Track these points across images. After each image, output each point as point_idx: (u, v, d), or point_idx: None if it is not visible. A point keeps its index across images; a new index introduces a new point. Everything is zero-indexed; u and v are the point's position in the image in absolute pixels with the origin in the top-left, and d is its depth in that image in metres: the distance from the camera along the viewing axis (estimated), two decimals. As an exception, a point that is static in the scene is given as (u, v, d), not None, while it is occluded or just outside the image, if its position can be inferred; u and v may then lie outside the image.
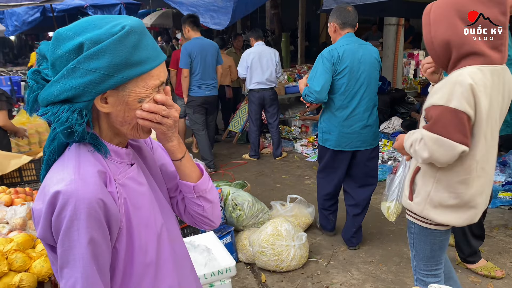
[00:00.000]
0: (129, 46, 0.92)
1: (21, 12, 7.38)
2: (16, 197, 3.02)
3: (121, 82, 0.94)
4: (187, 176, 1.15)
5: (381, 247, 3.54)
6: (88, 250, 0.91)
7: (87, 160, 0.98)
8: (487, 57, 1.68)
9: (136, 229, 1.04)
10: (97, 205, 0.92)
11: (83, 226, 0.90)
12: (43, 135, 5.20)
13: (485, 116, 1.69)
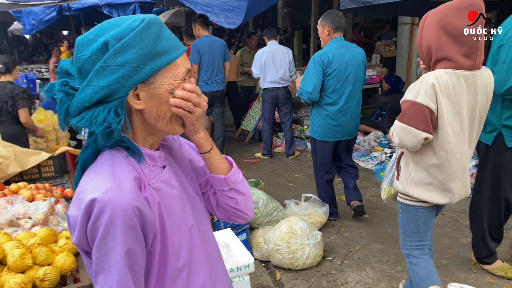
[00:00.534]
0: (152, 36, 0.94)
1: (38, 11, 7.48)
2: (37, 193, 3.08)
3: (150, 74, 0.94)
4: (216, 169, 1.15)
5: (396, 246, 3.54)
6: (123, 259, 0.92)
7: (121, 166, 0.98)
8: (457, 62, 1.98)
9: (169, 233, 1.04)
10: (132, 213, 0.92)
11: (119, 234, 0.91)
12: (60, 132, 5.29)
13: (445, 111, 2.00)
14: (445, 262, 3.28)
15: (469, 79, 2.01)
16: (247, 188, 1.21)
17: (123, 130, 1.00)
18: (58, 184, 3.77)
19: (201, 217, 1.19)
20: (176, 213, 1.06)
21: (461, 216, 4.03)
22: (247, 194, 1.21)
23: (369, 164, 5.59)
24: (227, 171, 1.17)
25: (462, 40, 1.96)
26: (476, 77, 2.04)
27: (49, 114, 5.36)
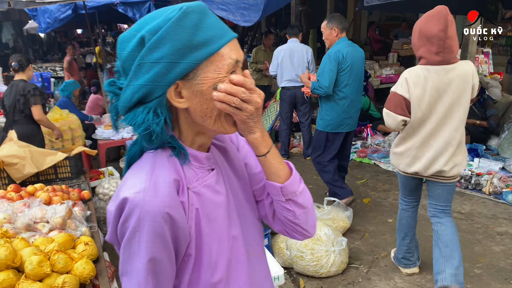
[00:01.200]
0: (189, 26, 0.84)
1: (53, 10, 7.45)
2: (54, 195, 3.00)
3: (189, 68, 0.85)
4: (273, 175, 1.00)
5: (424, 253, 3.38)
6: (145, 267, 0.87)
7: (162, 166, 0.92)
8: (428, 59, 2.49)
9: (206, 243, 0.95)
10: (162, 219, 0.86)
11: (144, 239, 0.86)
12: (76, 131, 5.22)
13: (416, 99, 2.52)
14: (478, 271, 3.12)
15: (441, 73, 2.49)
16: (308, 201, 1.05)
17: (167, 126, 0.92)
18: (75, 185, 3.69)
19: (250, 228, 1.07)
20: (217, 222, 0.98)
21: (491, 222, 3.86)
22: (308, 207, 1.05)
23: (390, 166, 5.43)
24: (285, 179, 1.01)
25: (432, 41, 2.41)
26: (449, 70, 2.49)
27: (65, 113, 5.30)
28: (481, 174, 4.71)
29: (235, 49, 0.90)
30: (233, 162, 1.09)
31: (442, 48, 2.40)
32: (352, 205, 4.11)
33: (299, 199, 1.02)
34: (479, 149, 5.29)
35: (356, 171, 5.35)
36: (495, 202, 4.27)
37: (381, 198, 4.52)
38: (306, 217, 1.05)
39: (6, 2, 4.31)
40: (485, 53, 9.63)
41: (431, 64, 2.47)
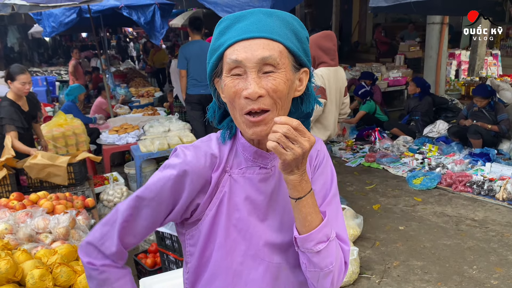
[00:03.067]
0: (216, 33, 0.97)
1: (58, 14, 7.39)
2: (57, 203, 2.93)
3: (213, 67, 0.98)
4: (298, 221, 0.97)
5: (438, 263, 3.28)
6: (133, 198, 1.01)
7: (211, 142, 1.05)
8: (328, 63, 3.60)
9: (223, 226, 1.01)
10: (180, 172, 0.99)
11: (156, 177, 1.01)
12: (80, 136, 5.15)
13: (328, 88, 3.57)
14: (495, 282, 3.01)
15: (335, 72, 3.63)
16: (326, 264, 0.97)
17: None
18: (78, 191, 3.62)
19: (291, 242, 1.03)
20: (243, 215, 1.02)
21: (507, 230, 3.75)
22: (323, 270, 0.98)
23: (399, 171, 5.32)
24: (307, 231, 0.96)
25: (329, 52, 3.58)
26: (338, 70, 3.70)
27: (69, 118, 5.23)
28: (493, 179, 4.60)
29: (243, 49, 0.92)
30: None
31: (334, 56, 3.64)
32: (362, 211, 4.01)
33: (313, 258, 0.97)
34: (490, 154, 5.17)
35: (365, 176, 5.24)
36: (509, 209, 4.15)
37: (391, 204, 4.42)
38: (318, 277, 0.99)
39: (9, 6, 4.25)
40: (494, 55, 9.51)
41: (330, 66, 3.60)
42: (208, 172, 1.01)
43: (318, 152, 1.11)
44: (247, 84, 0.91)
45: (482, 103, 5.47)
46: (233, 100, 0.94)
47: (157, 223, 1.03)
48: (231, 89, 0.93)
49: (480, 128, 5.38)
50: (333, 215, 1.05)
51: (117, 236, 1.01)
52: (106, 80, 7.32)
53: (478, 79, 8.26)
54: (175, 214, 1.02)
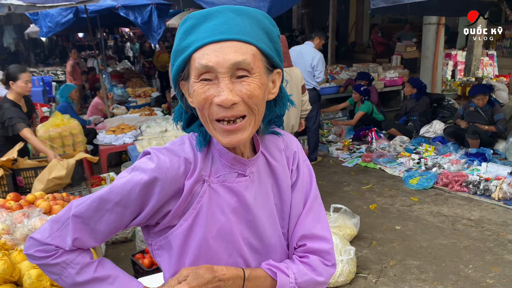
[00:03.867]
0: (181, 32, 0.90)
1: (54, 14, 7.37)
2: (55, 204, 2.92)
3: (178, 70, 0.91)
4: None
5: (434, 262, 3.30)
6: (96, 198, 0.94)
7: (187, 146, 0.98)
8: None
9: (201, 240, 0.96)
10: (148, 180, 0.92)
11: (123, 180, 0.94)
12: (77, 137, 5.14)
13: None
14: (491, 281, 3.03)
15: (289, 71, 3.85)
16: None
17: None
18: (75, 192, 3.61)
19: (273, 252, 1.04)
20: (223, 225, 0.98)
21: (502, 229, 3.77)
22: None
23: (396, 171, 5.33)
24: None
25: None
26: (292, 70, 3.97)
27: (66, 118, 5.22)
28: (489, 179, 4.62)
29: (213, 53, 0.84)
30: (279, 183, 1.05)
31: (286, 58, 3.95)
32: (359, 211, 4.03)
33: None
34: (486, 154, 5.19)
35: (361, 176, 5.26)
36: (505, 208, 4.17)
37: (388, 204, 4.43)
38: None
39: (6, 6, 4.24)
40: (490, 56, 9.55)
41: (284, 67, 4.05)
42: (182, 178, 0.94)
43: (295, 154, 1.09)
44: (219, 90, 0.85)
45: (483, 101, 5.47)
46: (202, 107, 0.88)
47: (120, 228, 0.97)
48: (201, 96, 0.87)
49: (478, 128, 5.40)
50: (316, 218, 1.06)
51: (71, 238, 0.96)
52: (103, 80, 7.31)
53: (474, 79, 8.30)
54: (140, 219, 0.96)
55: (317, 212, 1.07)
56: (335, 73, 8.46)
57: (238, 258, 0.99)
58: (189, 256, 0.97)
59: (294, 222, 1.05)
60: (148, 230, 1.02)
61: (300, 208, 1.06)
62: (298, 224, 1.05)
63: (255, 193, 1.00)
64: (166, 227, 0.98)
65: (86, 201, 0.96)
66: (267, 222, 1.02)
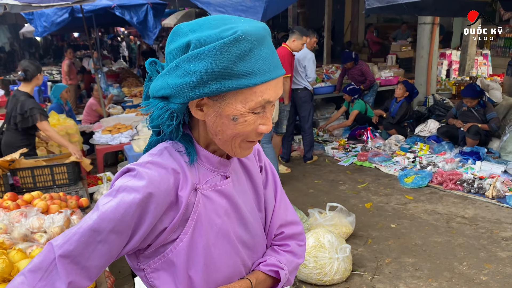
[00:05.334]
0: (233, 54, 0.81)
1: (50, 13, 7.36)
2: (52, 203, 2.93)
3: (216, 92, 0.84)
4: None
5: (429, 260, 3.33)
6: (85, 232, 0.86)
7: (167, 156, 0.94)
8: None
9: (205, 249, 0.96)
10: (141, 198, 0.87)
11: (113, 204, 0.87)
12: (73, 137, 5.15)
13: None
14: (485, 278, 3.06)
15: None
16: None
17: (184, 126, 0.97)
18: (72, 191, 3.62)
19: (257, 245, 1.10)
20: (220, 229, 0.99)
21: (496, 227, 3.81)
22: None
23: (391, 170, 5.37)
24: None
25: None
26: None
27: (62, 118, 5.23)
28: (483, 177, 4.67)
29: (273, 88, 0.88)
30: (253, 179, 1.11)
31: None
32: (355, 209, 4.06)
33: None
34: (480, 152, 5.24)
35: (357, 175, 5.29)
36: (498, 206, 4.22)
37: (383, 202, 4.47)
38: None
39: (2, 6, 4.24)
40: (484, 55, 9.62)
41: None
42: (173, 191, 0.91)
43: (259, 152, 1.17)
44: (266, 121, 0.90)
45: (472, 104, 5.54)
46: (245, 134, 0.91)
47: (113, 258, 0.91)
48: (251, 126, 0.89)
49: (480, 129, 5.42)
50: (285, 206, 1.17)
51: (64, 284, 0.85)
52: (99, 80, 7.30)
53: (469, 78, 8.36)
54: (134, 243, 0.90)
55: (284, 201, 1.18)
56: (331, 73, 8.49)
57: (236, 258, 1.03)
58: (195, 268, 0.95)
59: (271, 214, 1.14)
60: (137, 255, 0.97)
61: (273, 201, 1.15)
62: (274, 216, 1.14)
63: (237, 191, 1.04)
64: (161, 246, 0.94)
65: (71, 237, 0.86)
66: (251, 216, 1.07)
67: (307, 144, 5.85)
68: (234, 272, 1.03)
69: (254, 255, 1.08)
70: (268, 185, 1.15)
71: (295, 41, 5.13)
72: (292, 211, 1.19)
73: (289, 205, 1.20)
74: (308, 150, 5.88)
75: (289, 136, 5.83)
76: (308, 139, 5.81)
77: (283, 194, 1.18)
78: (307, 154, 5.90)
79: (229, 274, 1.02)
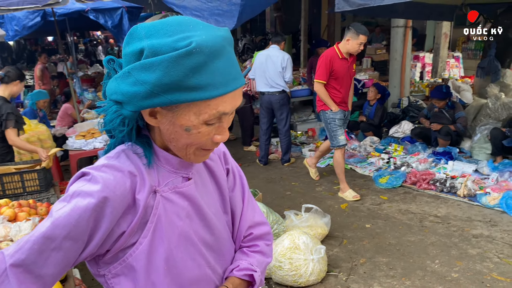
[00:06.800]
0: (186, 67, 0.78)
1: (21, 17, 7.20)
2: (20, 211, 2.86)
3: (168, 104, 0.82)
4: None
5: (402, 259, 3.38)
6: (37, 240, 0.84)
7: (124, 158, 0.93)
8: None
9: (166, 252, 0.95)
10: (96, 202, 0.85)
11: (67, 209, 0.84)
12: (45, 142, 5.04)
13: None
14: (456, 275, 3.13)
15: None
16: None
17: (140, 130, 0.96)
18: (43, 198, 3.54)
19: (224, 245, 1.10)
20: (181, 231, 0.97)
21: (466, 225, 3.90)
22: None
23: (366, 171, 5.45)
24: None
25: None
26: None
27: (34, 124, 5.11)
28: (455, 177, 4.78)
29: (229, 100, 0.85)
30: (218, 180, 1.11)
31: None
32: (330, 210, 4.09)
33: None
34: (452, 152, 5.37)
35: (333, 176, 5.34)
36: (469, 205, 4.32)
37: (358, 203, 4.52)
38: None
39: (-31, 9, 4.13)
40: (456, 57, 9.86)
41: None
42: (129, 194, 0.90)
43: (224, 154, 1.16)
44: (222, 130, 0.90)
45: (440, 104, 5.67)
46: (199, 143, 0.90)
47: (69, 266, 0.88)
48: (205, 137, 0.89)
49: (451, 130, 5.55)
50: (253, 208, 1.19)
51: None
52: (73, 85, 7.17)
53: (441, 80, 8.56)
54: (91, 249, 0.88)
55: (252, 202, 1.20)
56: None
57: (200, 260, 1.01)
58: (156, 272, 0.94)
59: (239, 217, 1.15)
60: (97, 261, 0.95)
61: (241, 204, 1.16)
62: (242, 218, 1.15)
63: (201, 193, 1.03)
64: (120, 251, 0.92)
65: (24, 245, 0.83)
66: (216, 218, 1.06)
67: (284, 147, 5.88)
68: (200, 275, 1.02)
69: (220, 258, 1.08)
70: (235, 188, 1.15)
71: (349, 41, 4.29)
72: (259, 212, 1.21)
73: (256, 206, 1.21)
74: (286, 153, 5.91)
75: (266, 139, 5.85)
76: (285, 141, 5.84)
77: (250, 196, 1.19)
78: (284, 157, 5.92)
79: (194, 277, 1.00)
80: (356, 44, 4.25)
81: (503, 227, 3.82)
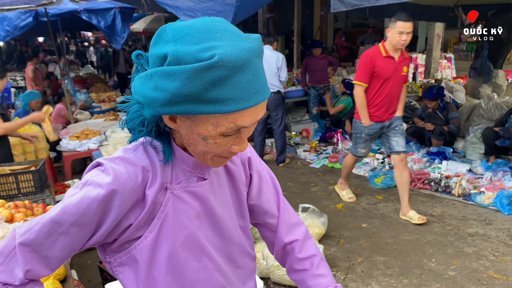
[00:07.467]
0: (206, 81, 0.76)
1: (12, 17, 7.12)
2: (16, 212, 2.83)
3: (186, 113, 0.80)
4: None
5: (399, 258, 3.40)
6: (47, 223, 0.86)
7: (141, 152, 0.94)
8: None
9: (170, 250, 0.95)
10: (105, 193, 0.86)
11: (77, 197, 0.86)
12: (39, 143, 5.00)
13: None
14: (452, 274, 3.15)
15: None
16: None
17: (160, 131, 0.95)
18: (39, 199, 3.50)
19: (236, 249, 1.08)
20: (190, 232, 0.97)
21: (462, 223, 3.93)
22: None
23: (361, 171, 5.47)
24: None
25: None
26: None
27: (27, 124, 5.05)
28: (449, 176, 4.82)
29: (250, 115, 0.83)
30: (237, 185, 1.09)
31: None
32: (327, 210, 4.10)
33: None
34: (446, 152, 5.41)
35: (328, 177, 5.36)
36: (464, 204, 4.36)
37: (354, 203, 4.54)
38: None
39: (-40, 8, 4.08)
40: (448, 58, 9.95)
41: None
42: (140, 188, 0.91)
43: (249, 159, 1.13)
44: (240, 141, 0.88)
45: (432, 105, 5.72)
46: (216, 152, 0.90)
47: (75, 250, 0.91)
48: (222, 147, 0.88)
49: (444, 130, 5.61)
50: (287, 210, 1.21)
51: (22, 271, 0.86)
52: (66, 85, 7.12)
53: (434, 81, 8.62)
54: (98, 237, 0.90)
55: (286, 205, 1.21)
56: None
57: (207, 263, 1.00)
58: (158, 268, 0.95)
59: (275, 220, 1.18)
60: (105, 248, 0.97)
61: (274, 207, 1.18)
62: (280, 222, 1.18)
63: (215, 195, 1.02)
64: (126, 242, 0.94)
65: (34, 226, 0.87)
66: (229, 222, 1.05)
67: (279, 147, 5.89)
68: (206, 278, 1.00)
69: (232, 264, 1.06)
70: (267, 192, 1.16)
71: (389, 32, 3.80)
72: (293, 213, 1.23)
73: (289, 207, 1.23)
74: (281, 153, 5.92)
75: (261, 139, 5.85)
76: (280, 142, 5.84)
77: (284, 198, 1.22)
78: (279, 157, 5.93)
79: (199, 278, 0.99)
80: (396, 33, 3.66)
81: (497, 225, 3.86)
